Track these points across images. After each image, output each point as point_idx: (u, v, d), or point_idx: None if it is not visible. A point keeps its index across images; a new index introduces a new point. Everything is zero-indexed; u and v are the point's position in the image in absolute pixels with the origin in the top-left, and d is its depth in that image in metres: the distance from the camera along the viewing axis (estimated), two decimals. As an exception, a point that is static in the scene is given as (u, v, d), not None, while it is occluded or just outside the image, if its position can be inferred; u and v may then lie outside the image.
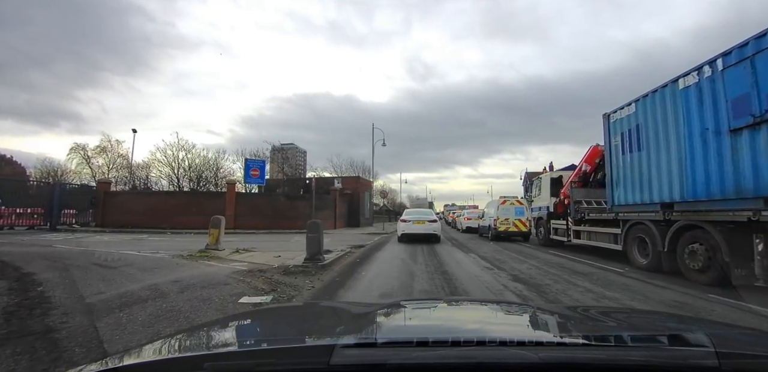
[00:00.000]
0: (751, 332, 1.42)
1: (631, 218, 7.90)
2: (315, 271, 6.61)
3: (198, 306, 4.26)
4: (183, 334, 1.40)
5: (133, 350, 1.05)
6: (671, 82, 6.79)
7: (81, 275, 5.92)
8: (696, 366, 0.81)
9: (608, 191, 8.75)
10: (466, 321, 1.48)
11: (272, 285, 5.55)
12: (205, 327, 1.72)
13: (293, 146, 69.86)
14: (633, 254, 7.75)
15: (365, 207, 28.92)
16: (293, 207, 19.96)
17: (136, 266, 7.16)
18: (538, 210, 13.73)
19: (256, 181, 19.94)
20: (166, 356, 0.95)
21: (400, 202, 71.33)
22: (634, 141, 7.83)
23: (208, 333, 1.31)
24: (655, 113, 7.16)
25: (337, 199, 23.15)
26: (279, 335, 1.23)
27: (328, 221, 21.69)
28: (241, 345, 1.10)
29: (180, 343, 1.10)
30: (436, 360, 0.80)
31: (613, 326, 1.35)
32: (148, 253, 9.32)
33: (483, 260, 8.87)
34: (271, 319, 1.57)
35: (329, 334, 1.18)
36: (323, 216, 21.11)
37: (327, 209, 21.63)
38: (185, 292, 4.95)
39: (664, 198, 6.90)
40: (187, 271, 6.66)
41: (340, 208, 23.72)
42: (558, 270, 7.40)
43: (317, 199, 21.24)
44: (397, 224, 14.94)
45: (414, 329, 1.32)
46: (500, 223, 15.23)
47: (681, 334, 0.98)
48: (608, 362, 0.81)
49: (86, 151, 30.53)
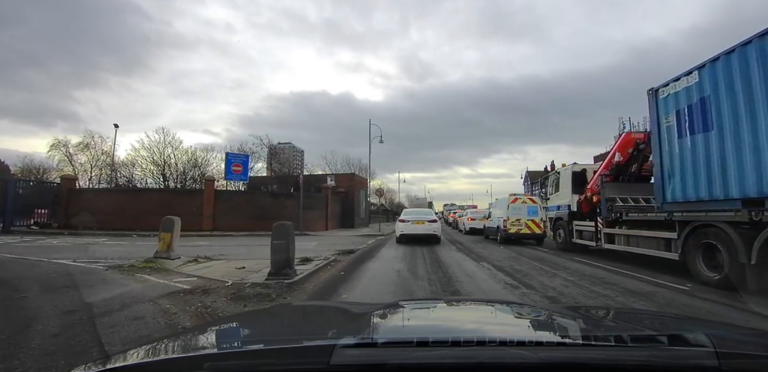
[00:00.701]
0: (751, 332, 1.44)
1: (693, 219, 6.17)
2: (276, 294, 4.88)
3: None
4: (183, 334, 1.57)
5: (134, 350, 1.04)
6: (759, 37, 5.07)
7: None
8: (696, 366, 0.81)
9: (657, 185, 7.03)
10: (466, 321, 1.47)
11: (204, 319, 3.79)
12: (204, 327, 1.75)
13: (290, 145, 68.44)
14: (697, 266, 6.02)
15: (360, 206, 27.16)
16: (280, 206, 18.20)
17: (41, 283, 5.43)
18: (556, 209, 12.00)
19: (239, 177, 18.17)
20: (166, 356, 0.94)
21: (399, 202, 70.58)
22: (697, 119, 6.10)
23: (207, 333, 1.34)
24: (733, 80, 5.43)
25: (329, 197, 21.39)
26: (279, 335, 1.23)
27: (318, 222, 19.94)
28: (241, 345, 1.08)
29: (180, 343, 1.13)
30: (436, 360, 0.80)
31: (613, 326, 1.38)
32: (84, 262, 7.57)
33: (501, 272, 7.13)
34: (270, 320, 1.56)
35: (329, 334, 1.17)
36: (313, 216, 19.34)
37: (317, 209, 19.89)
38: (59, 336, 3.20)
39: (749, 192, 5.18)
40: (106, 292, 4.93)
41: (332, 207, 21.96)
42: (604, 288, 5.67)
43: (307, 198, 19.48)
44: (396, 224, 14.43)
45: (414, 329, 1.32)
46: (511, 224, 13.51)
47: (681, 334, 1.03)
48: (608, 362, 0.81)
49: (68, 148, 28.57)
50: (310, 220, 19.08)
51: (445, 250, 11.48)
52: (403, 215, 14.20)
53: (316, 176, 25.32)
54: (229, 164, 17.88)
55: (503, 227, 13.60)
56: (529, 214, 13.62)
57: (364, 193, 28.69)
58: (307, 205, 19.17)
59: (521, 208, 13.69)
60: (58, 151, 28.72)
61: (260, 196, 18.14)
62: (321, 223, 20.21)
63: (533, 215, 13.63)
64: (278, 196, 18.36)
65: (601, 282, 6.14)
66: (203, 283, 5.61)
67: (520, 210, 13.67)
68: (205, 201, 16.82)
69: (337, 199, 23.83)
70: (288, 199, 18.08)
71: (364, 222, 28.16)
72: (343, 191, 24.81)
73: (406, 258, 9.41)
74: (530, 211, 13.67)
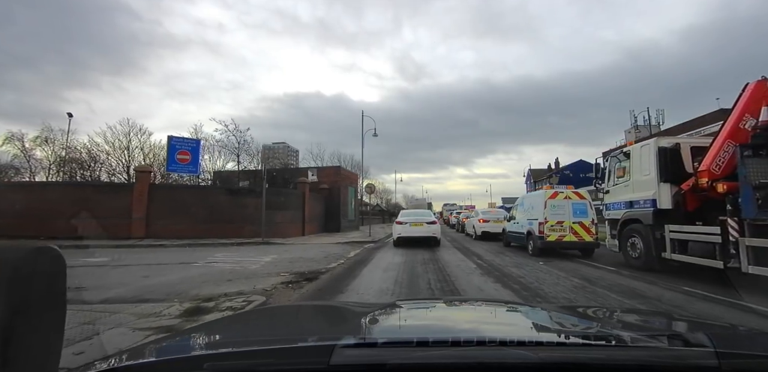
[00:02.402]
0: (751, 332, 1.43)
1: None
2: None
3: None
4: (183, 334, 1.62)
5: (134, 350, 1.10)
6: None
7: None
8: (696, 366, 0.82)
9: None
10: (466, 321, 1.48)
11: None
12: (205, 327, 1.76)
13: (284, 145, 64.88)
14: None
15: (349, 206, 23.28)
16: (240, 206, 14.31)
17: None
18: (622, 207, 8.18)
19: (185, 169, 14.27)
20: (166, 356, 0.95)
21: (396, 203, 67.50)
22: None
23: (208, 333, 1.34)
24: None
25: (308, 195, 17.51)
26: (279, 335, 1.23)
27: (291, 225, 16.04)
28: (241, 345, 1.04)
29: (180, 343, 1.18)
30: (436, 360, 0.81)
31: (613, 326, 1.39)
32: None
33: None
34: (271, 319, 1.57)
35: (329, 334, 1.17)
36: (284, 218, 15.43)
37: (291, 209, 16.01)
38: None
39: None
40: None
41: (311, 207, 18.06)
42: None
43: (277, 195, 15.58)
44: (393, 227, 13.57)
45: (414, 329, 1.33)
46: (550, 228, 9.67)
47: (681, 334, 1.09)
48: (608, 362, 0.82)
49: (23, 142, 24.60)
50: (280, 223, 15.20)
51: (460, 269, 7.64)
52: (401, 217, 13.29)
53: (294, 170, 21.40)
54: (172, 152, 13.96)
55: (538, 233, 9.77)
56: (576, 215, 9.79)
57: (354, 191, 24.80)
58: (277, 205, 15.28)
59: (564, 207, 9.86)
60: (13, 145, 24.81)
61: (213, 193, 14.25)
62: (295, 227, 16.32)
63: (581, 216, 9.80)
64: (237, 192, 14.47)
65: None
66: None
67: (562, 209, 9.84)
68: (136, 198, 12.91)
69: (318, 198, 19.94)
70: (250, 197, 14.19)
71: (354, 224, 24.26)
72: (326, 188, 20.93)
73: (401, 290, 5.55)
74: (577, 211, 9.84)
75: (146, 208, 13.10)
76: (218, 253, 9.86)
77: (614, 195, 8.66)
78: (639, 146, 7.96)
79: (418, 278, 6.57)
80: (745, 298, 4.78)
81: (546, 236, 9.67)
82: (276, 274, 6.78)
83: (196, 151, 14.56)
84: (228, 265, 7.92)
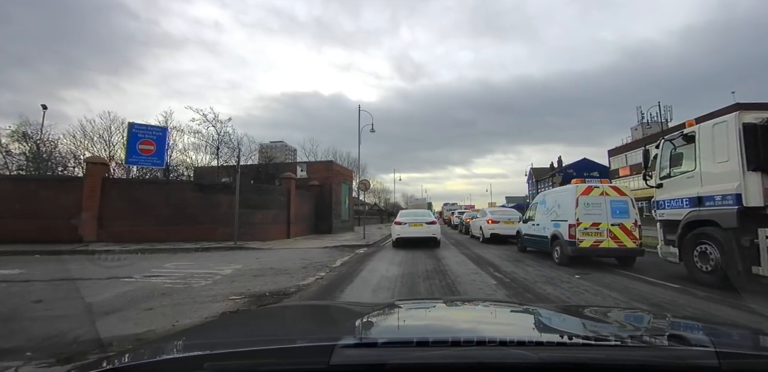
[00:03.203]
0: (751, 332, 1.43)
1: None
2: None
3: None
4: (183, 334, 1.50)
5: (134, 350, 1.15)
6: None
7: None
8: (696, 366, 0.82)
9: None
10: (466, 321, 1.48)
11: None
12: (205, 327, 1.77)
13: (282, 143, 63.61)
14: None
15: (342, 205, 21.41)
16: (213, 204, 12.44)
17: None
18: (686, 204, 6.36)
19: (149, 161, 12.33)
20: (166, 356, 0.94)
21: (394, 202, 66.13)
22: None
23: (208, 333, 1.39)
24: None
25: (294, 192, 15.63)
26: (279, 335, 1.24)
27: (274, 227, 14.17)
28: (241, 345, 1.03)
29: (180, 343, 1.13)
30: (436, 360, 0.81)
31: (613, 326, 1.39)
32: None
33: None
34: (271, 319, 1.59)
35: (329, 334, 1.18)
36: (265, 218, 13.58)
37: (273, 208, 14.12)
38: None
39: None
40: None
41: (298, 206, 16.19)
42: None
43: (257, 193, 13.72)
44: (392, 227, 13.32)
45: (414, 329, 1.32)
46: (583, 232, 7.85)
47: (681, 334, 1.09)
48: (608, 362, 0.82)
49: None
50: (259, 224, 13.33)
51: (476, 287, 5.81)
52: (400, 217, 13.00)
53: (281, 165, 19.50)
54: (133, 141, 12.05)
55: (568, 237, 7.94)
56: (616, 215, 7.96)
57: (348, 189, 22.93)
58: (257, 203, 13.41)
59: (600, 205, 8.03)
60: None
61: (180, 189, 12.32)
62: (278, 229, 14.44)
63: (622, 217, 7.97)
64: (209, 188, 12.56)
65: None
66: None
67: (597, 208, 8.01)
68: (87, 195, 11.01)
69: (307, 196, 18.07)
70: (224, 194, 12.30)
71: (348, 225, 22.41)
72: (317, 185, 19.04)
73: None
74: (617, 210, 8.01)
75: (98, 207, 11.21)
76: (170, 263, 8.00)
77: (670, 190, 6.82)
78: (710, 125, 6.12)
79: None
80: None
81: (578, 242, 7.84)
82: (224, 297, 4.94)
83: (162, 140, 12.65)
84: (170, 281, 6.07)
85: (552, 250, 8.67)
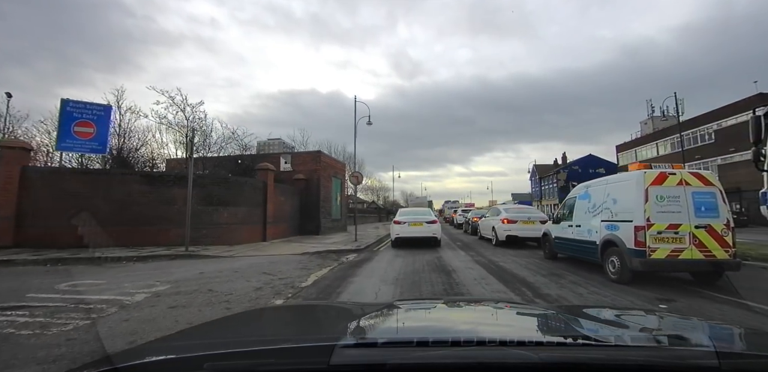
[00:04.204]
0: (751, 332, 1.40)
1: None
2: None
3: None
4: (183, 334, 1.51)
5: (134, 350, 1.14)
6: None
7: None
8: (696, 366, 0.82)
9: None
10: (466, 321, 1.48)
11: None
12: (205, 327, 1.73)
13: (280, 141, 62.10)
14: None
15: (333, 202, 19.09)
16: (165, 200, 10.13)
17: None
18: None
19: (86, 146, 9.92)
20: (166, 356, 0.93)
21: (394, 200, 64.29)
22: None
23: (208, 333, 1.37)
24: None
25: (272, 186, 13.30)
26: (279, 335, 1.25)
27: (246, 228, 11.87)
28: (241, 345, 1.03)
29: (180, 343, 1.14)
30: (436, 360, 0.81)
31: (613, 326, 1.37)
32: None
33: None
34: (271, 319, 1.60)
35: (329, 334, 1.18)
36: (235, 218, 11.32)
37: (244, 205, 11.78)
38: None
39: None
40: None
41: (278, 202, 13.86)
42: None
43: (223, 186, 11.39)
44: (391, 227, 12.75)
45: (414, 329, 1.33)
46: (656, 237, 5.57)
47: (681, 334, 1.08)
48: (608, 362, 0.82)
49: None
50: (225, 224, 11.01)
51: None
52: (399, 216, 12.62)
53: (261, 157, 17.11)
54: (67, 121, 9.69)
55: (634, 244, 5.65)
56: (701, 213, 5.68)
57: (340, 184, 20.61)
58: (224, 199, 11.11)
59: (679, 199, 5.74)
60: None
61: (122, 181, 9.97)
62: (252, 230, 12.11)
63: (710, 215, 5.69)
64: (160, 180, 10.21)
65: None
66: None
67: (675, 203, 5.72)
68: (1, 188, 8.70)
69: (290, 191, 15.76)
70: (180, 187, 9.96)
71: (340, 225, 20.10)
72: (302, 178, 16.72)
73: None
74: (702, 206, 5.72)
75: (16, 203, 8.90)
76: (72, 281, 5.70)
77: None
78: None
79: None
80: None
81: (649, 251, 5.55)
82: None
83: (105, 121, 10.30)
84: (23, 320, 3.78)
85: (604, 261, 6.39)
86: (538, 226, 11.83)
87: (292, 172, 16.82)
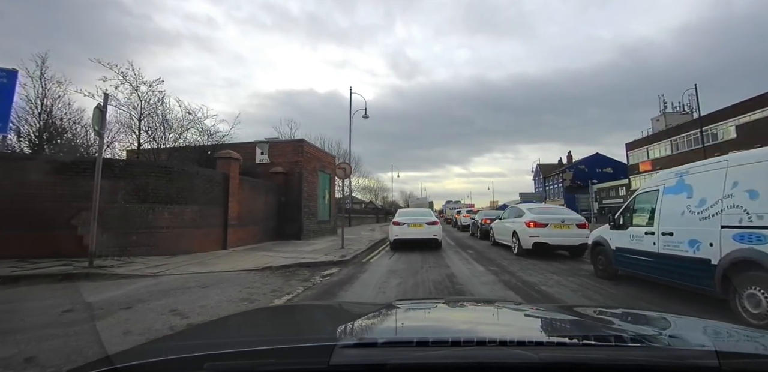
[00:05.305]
0: (751, 332, 1.40)
1: None
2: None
3: None
4: (183, 334, 1.56)
5: (133, 350, 1.08)
6: None
7: None
8: (696, 366, 0.81)
9: None
10: (466, 321, 1.48)
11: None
12: (205, 327, 1.76)
13: (278, 140, 60.05)
14: None
15: (320, 200, 16.50)
16: (78, 194, 7.53)
17: None
18: None
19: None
20: (166, 356, 0.92)
21: (393, 201, 62.42)
22: None
23: (208, 333, 1.37)
24: None
25: (236, 180, 10.71)
26: (279, 335, 1.24)
27: (200, 232, 9.29)
28: (241, 345, 1.04)
29: (180, 343, 1.15)
30: (436, 360, 0.81)
31: (613, 326, 1.36)
32: None
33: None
34: (271, 319, 1.58)
35: (329, 334, 1.17)
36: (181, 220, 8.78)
37: (196, 203, 9.19)
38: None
39: None
40: None
41: (244, 200, 11.26)
42: None
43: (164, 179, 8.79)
44: (390, 228, 12.27)
45: (414, 329, 1.32)
46: None
47: (681, 334, 1.09)
48: (608, 362, 0.82)
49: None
50: (167, 228, 8.44)
51: None
52: (398, 217, 12.12)
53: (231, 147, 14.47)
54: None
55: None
56: None
57: (329, 180, 18.02)
58: (167, 195, 8.54)
59: None
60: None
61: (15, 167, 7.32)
62: (207, 235, 9.52)
63: None
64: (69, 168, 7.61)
65: None
66: None
67: None
68: None
69: (266, 187, 13.18)
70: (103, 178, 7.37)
71: (329, 227, 17.52)
72: (281, 172, 14.13)
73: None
74: None
75: None
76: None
77: None
78: None
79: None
80: None
81: None
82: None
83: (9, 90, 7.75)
84: None
85: (732, 294, 3.85)
86: (575, 232, 9.31)
87: (270, 165, 14.26)
